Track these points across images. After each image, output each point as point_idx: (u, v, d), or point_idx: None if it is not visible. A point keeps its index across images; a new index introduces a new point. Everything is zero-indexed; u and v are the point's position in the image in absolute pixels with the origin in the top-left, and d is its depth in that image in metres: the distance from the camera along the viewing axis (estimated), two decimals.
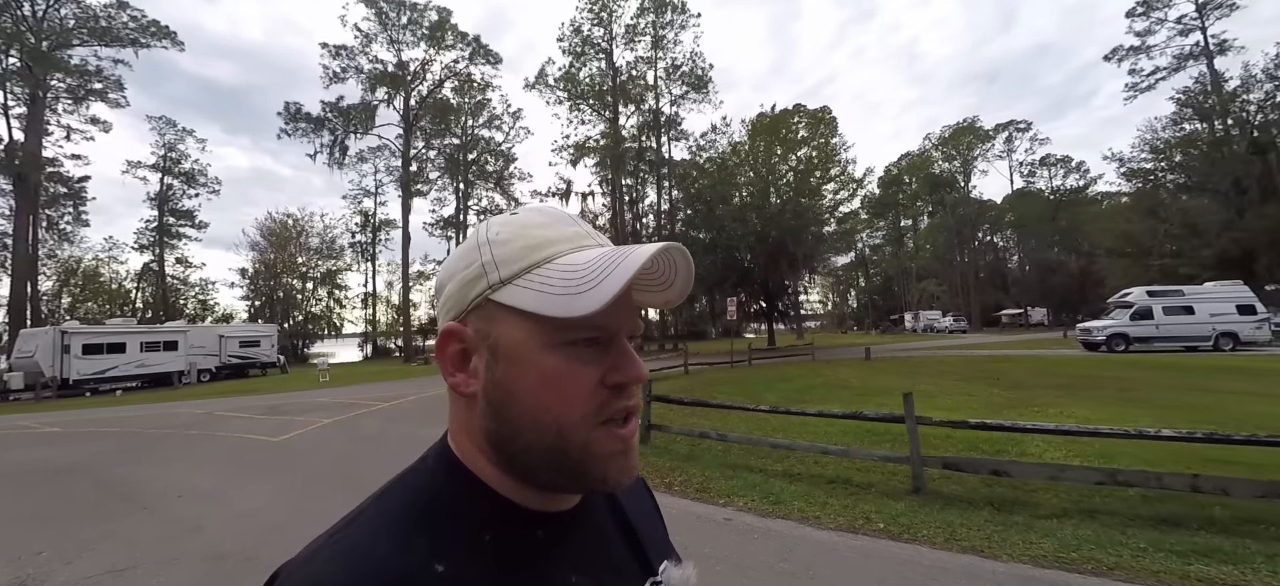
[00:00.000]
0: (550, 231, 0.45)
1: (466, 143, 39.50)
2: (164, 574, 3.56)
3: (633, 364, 0.44)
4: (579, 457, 0.42)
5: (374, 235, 45.88)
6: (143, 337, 22.09)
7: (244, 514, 4.71)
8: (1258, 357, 16.19)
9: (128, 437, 8.89)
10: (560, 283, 0.41)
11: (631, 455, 0.45)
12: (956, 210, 61.40)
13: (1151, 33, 35.57)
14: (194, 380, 23.45)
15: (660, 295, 0.49)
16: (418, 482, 0.45)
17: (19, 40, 28.72)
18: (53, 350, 19.13)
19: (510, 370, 0.43)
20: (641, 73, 32.72)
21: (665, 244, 0.43)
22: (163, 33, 34.08)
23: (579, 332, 0.42)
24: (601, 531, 0.51)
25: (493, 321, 0.43)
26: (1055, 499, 4.15)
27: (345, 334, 47.35)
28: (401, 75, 32.40)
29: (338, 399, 13.62)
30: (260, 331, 28.76)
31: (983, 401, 9.14)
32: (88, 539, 4.24)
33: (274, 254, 42.63)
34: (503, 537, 0.43)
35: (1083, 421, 6.74)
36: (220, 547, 3.96)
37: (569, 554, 0.46)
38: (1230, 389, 9.60)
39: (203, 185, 43.03)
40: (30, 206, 30.72)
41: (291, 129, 32.77)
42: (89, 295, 36.28)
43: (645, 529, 0.56)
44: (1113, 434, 4.16)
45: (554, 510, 0.47)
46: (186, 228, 42.52)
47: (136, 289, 41.00)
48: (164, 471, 6.41)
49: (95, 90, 33.01)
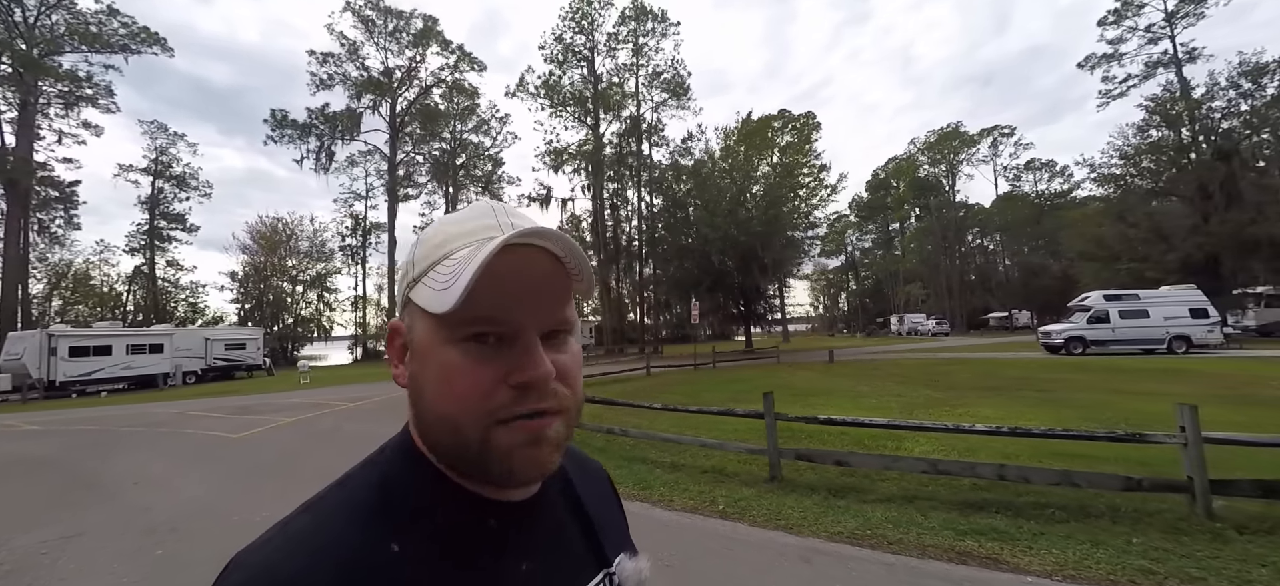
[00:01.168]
0: (459, 227, 0.46)
1: (455, 147, 40.14)
2: (107, 541, 4.18)
3: (534, 362, 0.43)
4: (479, 453, 0.43)
5: (364, 238, 46.39)
6: (129, 340, 22.61)
7: (186, 499, 5.31)
8: (1202, 360, 16.84)
9: (101, 434, 9.47)
10: (440, 280, 0.42)
11: (542, 446, 0.44)
12: (941, 214, 62.23)
13: (1124, 40, 36.46)
14: (179, 382, 23.97)
15: (580, 284, 0.47)
16: (375, 469, 0.46)
17: (9, 47, 29.22)
18: (40, 352, 19.65)
19: (419, 365, 0.45)
20: (622, 80, 33.41)
21: (532, 228, 0.43)
22: (152, 39, 34.61)
23: (469, 329, 0.42)
24: (556, 521, 0.52)
25: (413, 317, 0.46)
26: (889, 486, 4.74)
27: (335, 337, 47.81)
28: (386, 82, 33.01)
29: (309, 399, 14.20)
30: (246, 334, 29.29)
31: (907, 402, 9.76)
32: (49, 517, 4.84)
33: (264, 257, 43.10)
34: (456, 524, 0.44)
35: (986, 420, 7.35)
36: (158, 523, 4.57)
37: (522, 541, 0.47)
38: (1142, 389, 10.20)
39: (194, 189, 43.50)
40: (21, 211, 31.19)
41: (278, 135, 33.35)
42: (80, 298, 36.70)
43: (603, 520, 0.57)
44: (935, 428, 4.79)
45: (508, 499, 0.48)
46: (177, 231, 42.99)
47: (128, 291, 41.41)
48: (127, 463, 7.01)
49: (86, 96, 33.53)
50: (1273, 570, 2.97)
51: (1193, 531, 3.51)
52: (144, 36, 34.40)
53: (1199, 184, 30.84)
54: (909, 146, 66.17)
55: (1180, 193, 31.83)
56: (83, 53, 32.93)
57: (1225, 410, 7.48)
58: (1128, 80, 36.83)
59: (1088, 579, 3.05)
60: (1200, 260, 29.32)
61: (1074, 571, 3.13)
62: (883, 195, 69.28)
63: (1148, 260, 30.63)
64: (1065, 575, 3.11)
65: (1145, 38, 35.16)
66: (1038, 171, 63.93)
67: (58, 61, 32.03)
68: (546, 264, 0.44)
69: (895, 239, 71.78)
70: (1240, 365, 14.50)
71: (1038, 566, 3.22)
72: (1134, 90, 36.18)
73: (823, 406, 9.06)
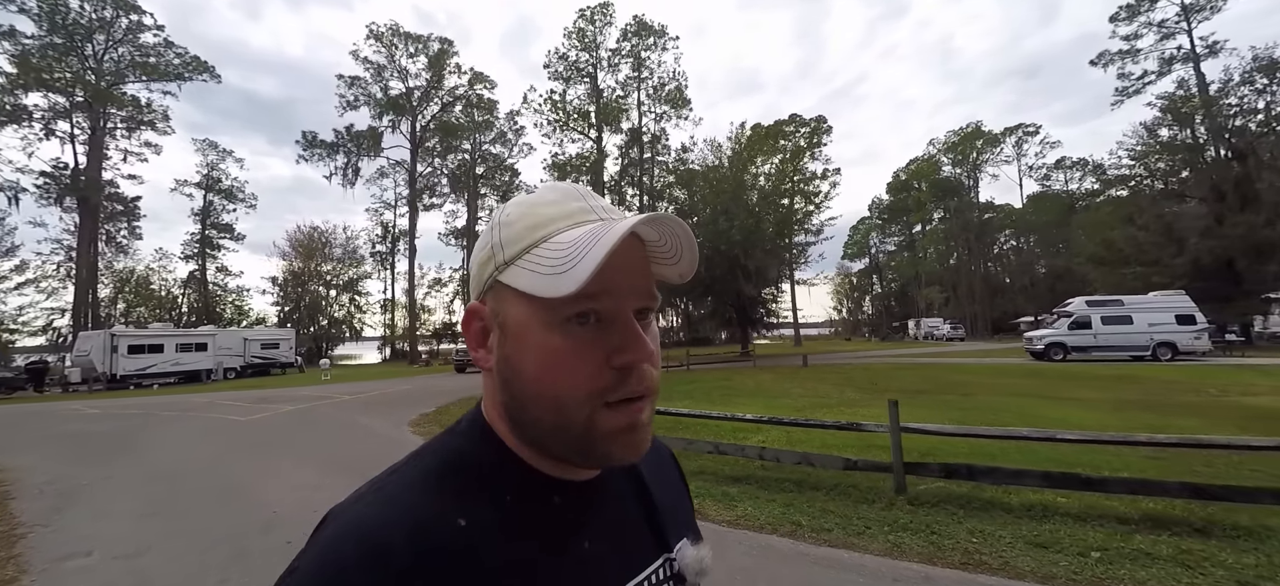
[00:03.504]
0: (553, 209, 0.46)
1: (475, 158, 42.60)
2: (126, 482, 5.96)
3: (638, 344, 0.44)
4: (582, 434, 0.44)
5: (392, 245, 49.45)
6: (178, 340, 25.58)
7: (187, 459, 7.10)
8: (1154, 367, 16.98)
9: (142, 416, 11.59)
10: (548, 262, 0.42)
11: (639, 432, 0.45)
12: (963, 215, 61.05)
13: (1139, 36, 35.59)
14: (220, 377, 26.81)
15: (672, 269, 0.48)
16: (450, 444, 0.49)
17: (81, 80, 33.06)
18: (104, 350, 22.62)
19: (515, 348, 0.45)
20: (626, 93, 34.96)
21: (646, 215, 0.43)
22: (202, 67, 38.30)
23: (573, 310, 0.42)
24: (620, 502, 0.53)
25: (502, 301, 0.46)
26: (728, 471, 5.61)
27: (365, 337, 51.05)
28: (405, 103, 35.59)
29: (320, 393, 16.24)
30: (279, 335, 32.23)
31: (813, 401, 10.89)
32: (92, 466, 6.69)
33: (301, 263, 46.59)
34: (522, 500, 0.46)
35: (873, 418, 8.35)
36: (162, 473, 6.33)
37: (585, 521, 0.48)
38: (1069, 396, 10.66)
39: (240, 200, 47.51)
40: (92, 224, 35.14)
41: (309, 154, 36.36)
42: (140, 301, 40.71)
43: (666, 503, 0.57)
44: (720, 418, 6.06)
45: (573, 479, 0.49)
46: (226, 239, 47.05)
47: (182, 295, 45.59)
48: (154, 436, 8.95)
49: (146, 120, 37.40)
50: (921, 532, 3.89)
51: (884, 501, 4.44)
52: (195, 65, 38.11)
53: (1212, 184, 30.04)
54: (929, 147, 65.15)
55: (1192, 193, 31.03)
56: (143, 82, 36.83)
57: (1114, 415, 8.22)
58: (1144, 77, 35.97)
59: (762, 527, 4.22)
60: (1211, 264, 28.56)
61: (768, 524, 4.18)
62: (904, 197, 68.27)
63: (1158, 264, 29.95)
64: (755, 526, 4.19)
65: (1159, 33, 34.32)
66: (1069, 170, 61.84)
67: (123, 90, 35.93)
68: (638, 245, 0.46)
69: (918, 241, 70.64)
70: (1192, 372, 14.81)
71: (742, 520, 4.46)
72: (1150, 87, 35.35)
73: (743, 406, 10.21)
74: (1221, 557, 3.25)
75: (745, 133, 31.44)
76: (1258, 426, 7.04)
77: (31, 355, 29.26)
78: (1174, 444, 3.96)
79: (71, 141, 34.50)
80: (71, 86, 32.93)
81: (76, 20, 32.89)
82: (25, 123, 32.39)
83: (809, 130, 48.65)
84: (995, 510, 4.17)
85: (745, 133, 31.44)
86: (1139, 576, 3.11)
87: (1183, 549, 3.37)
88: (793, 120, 48.41)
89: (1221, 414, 8.20)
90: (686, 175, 30.17)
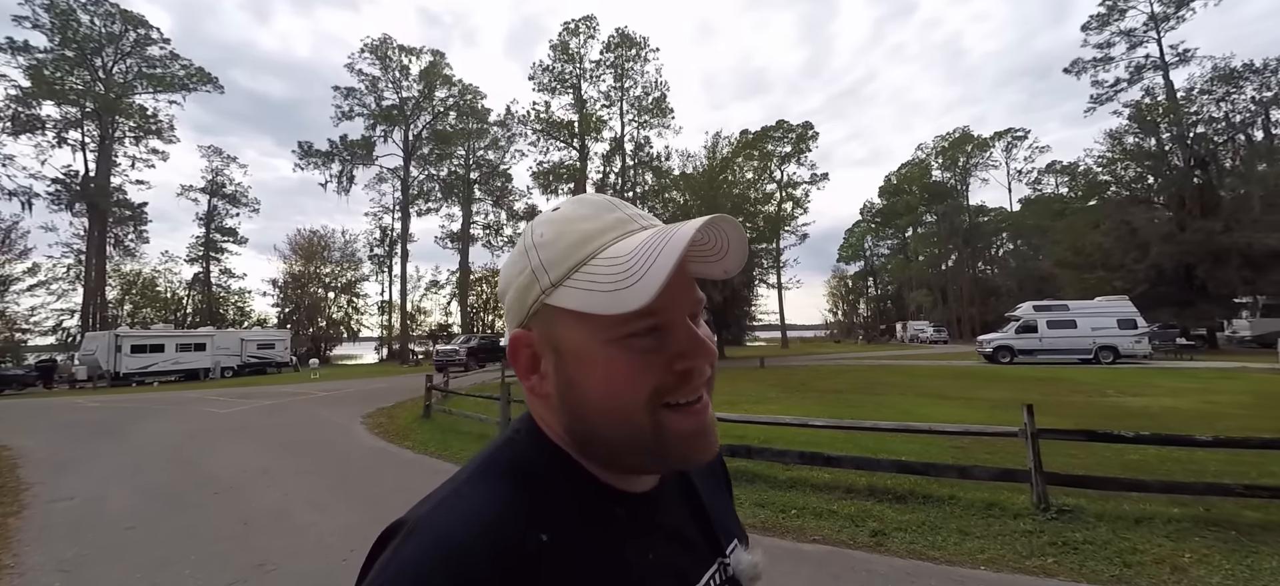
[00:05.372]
0: (593, 224, 0.45)
1: (470, 164, 44.10)
2: (111, 458, 7.31)
3: (698, 347, 0.44)
4: (653, 439, 0.43)
5: (390, 249, 51.05)
6: (178, 340, 27.16)
7: (163, 441, 8.46)
8: (1108, 370, 17.62)
9: (136, 409, 13.01)
10: (606, 278, 0.41)
11: (709, 433, 0.46)
12: (952, 219, 61.87)
13: (1111, 44, 36.41)
14: (218, 375, 28.33)
15: (717, 265, 0.48)
16: (514, 455, 0.48)
17: (91, 92, 34.83)
18: (109, 349, 24.17)
19: (578, 369, 0.44)
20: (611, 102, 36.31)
21: (710, 217, 0.42)
22: (206, 78, 40.02)
23: (638, 326, 0.42)
24: (676, 511, 0.53)
25: (553, 324, 0.45)
26: None
27: (362, 338, 52.65)
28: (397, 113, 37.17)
29: (300, 389, 17.64)
30: (275, 335, 33.82)
31: (731, 398, 12.15)
32: (85, 447, 8.06)
33: (301, 266, 48.26)
34: (589, 512, 0.46)
35: (769, 412, 9.66)
36: (143, 451, 7.69)
37: (646, 531, 0.49)
38: (959, 395, 11.81)
39: (243, 205, 49.34)
40: (101, 229, 36.90)
41: (305, 163, 38.02)
42: (147, 302, 42.46)
43: (717, 509, 0.58)
44: None
45: (633, 490, 0.49)
46: (229, 243, 48.86)
47: (187, 296, 47.39)
48: (142, 425, 10.33)
49: (153, 129, 39.18)
50: None
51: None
52: (200, 76, 39.86)
53: (1175, 191, 30.92)
54: (917, 152, 66.04)
55: (1153, 200, 31.93)
56: (151, 92, 38.60)
57: (990, 411, 9.05)
58: (1117, 85, 36.79)
59: None
60: (1172, 269, 29.41)
61: None
62: (896, 200, 69.06)
63: (1122, 269, 30.79)
64: None
65: (1128, 42, 35.19)
66: (1058, 174, 62.46)
67: (131, 101, 37.69)
68: (724, 244, 0.46)
69: (910, 245, 71.39)
70: (1114, 375, 15.78)
71: None
72: (1121, 95, 36.20)
73: None
74: (887, 515, 4.35)
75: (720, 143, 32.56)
76: (1095, 422, 8.22)
77: (42, 354, 31.01)
78: (888, 429, 5.18)
79: (82, 149, 36.28)
80: (82, 98, 34.70)
81: (87, 34, 34.67)
82: (39, 132, 34.23)
83: (795, 136, 49.85)
84: (760, 482, 5.33)
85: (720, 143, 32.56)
86: (812, 527, 4.28)
87: (861, 508, 4.54)
88: (779, 126, 49.58)
89: (1075, 412, 9.29)
90: (661, 172, 31.34)
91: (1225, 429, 6.98)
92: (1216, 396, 10.79)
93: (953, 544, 3.79)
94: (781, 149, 49.35)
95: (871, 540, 3.85)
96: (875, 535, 3.91)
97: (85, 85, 34.94)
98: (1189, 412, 9.02)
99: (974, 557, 3.61)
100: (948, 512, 4.33)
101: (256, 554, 3.84)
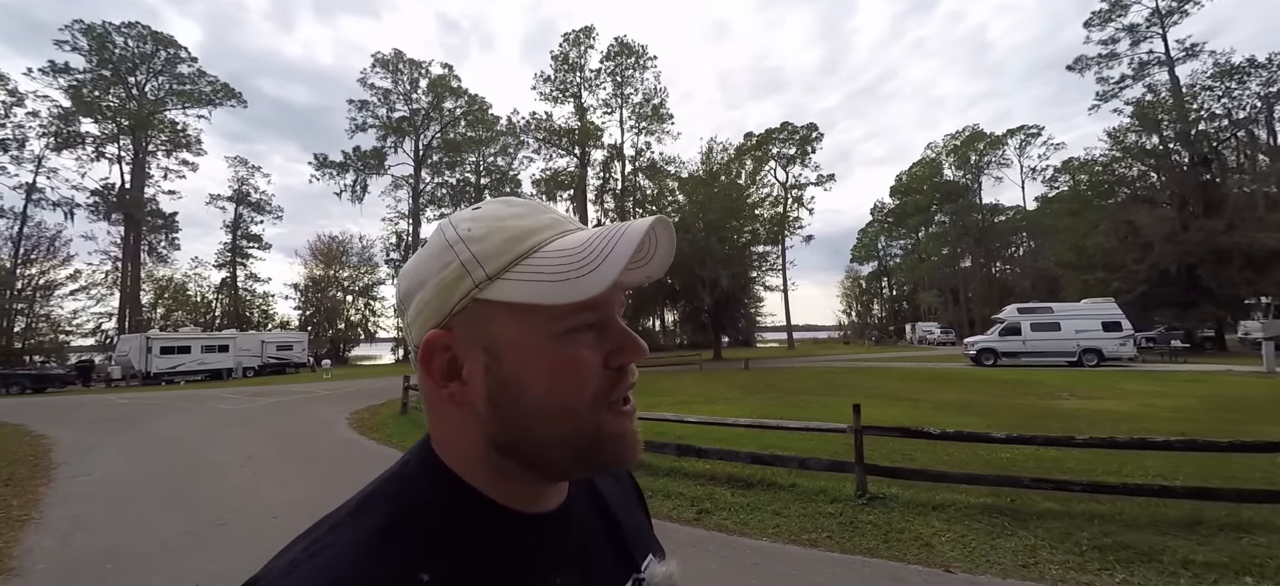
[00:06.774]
0: (527, 221, 0.44)
1: (480, 171, 45.78)
2: (127, 445, 8.58)
3: (633, 342, 0.44)
4: (591, 441, 0.43)
5: (404, 254, 53.02)
6: (203, 342, 29.12)
7: (174, 431, 9.72)
8: (1077, 373, 17.93)
9: (157, 405, 14.48)
10: (556, 268, 0.40)
11: (637, 435, 0.45)
12: (964, 219, 61.19)
13: (1116, 41, 35.99)
14: (240, 375, 30.22)
15: (641, 271, 0.48)
16: (398, 489, 0.44)
17: (124, 109, 37.30)
18: (140, 351, 26.15)
19: (516, 367, 0.42)
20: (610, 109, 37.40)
21: (655, 218, 0.43)
22: (231, 93, 42.41)
23: (581, 318, 0.42)
24: (586, 528, 0.51)
25: (486, 321, 0.42)
26: None
27: (379, 339, 54.78)
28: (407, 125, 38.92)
29: (307, 388, 19.05)
30: (293, 337, 35.77)
31: (684, 399, 12.99)
32: (107, 437, 9.38)
33: (321, 270, 50.49)
34: (486, 543, 0.42)
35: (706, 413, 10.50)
36: (155, 440, 8.96)
37: (554, 554, 0.46)
38: (919, 397, 12.36)
39: (268, 212, 51.93)
40: (135, 237, 39.44)
41: (321, 174, 40.02)
42: (178, 306, 45.03)
43: (629, 523, 0.57)
44: None
45: (538, 511, 0.47)
46: (254, 248, 51.46)
47: (216, 300, 50.05)
48: (159, 417, 11.70)
49: (182, 142, 41.69)
50: None
51: None
52: (225, 92, 42.26)
53: (1177, 190, 30.52)
54: (927, 151, 65.49)
55: (1156, 199, 31.54)
56: (180, 108, 41.09)
57: (929, 413, 9.99)
58: (1122, 82, 36.32)
59: None
60: (1174, 270, 29.04)
61: None
62: (907, 200, 68.49)
63: (1123, 269, 30.51)
64: None
65: (1131, 39, 34.76)
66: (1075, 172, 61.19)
67: (163, 116, 40.17)
68: (653, 248, 0.47)
69: (922, 245, 70.74)
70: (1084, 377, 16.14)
71: None
72: (1126, 91, 35.75)
73: None
74: (726, 498, 5.13)
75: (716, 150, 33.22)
76: (1018, 427, 8.90)
77: (82, 355, 33.44)
78: (744, 425, 6.04)
79: (118, 163, 38.90)
80: (118, 114, 37.19)
81: (121, 55, 37.19)
82: (79, 147, 36.83)
83: (800, 137, 50.19)
84: (642, 473, 6.19)
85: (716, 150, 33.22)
86: (653, 507, 5.18)
87: (707, 492, 5.33)
88: (784, 128, 50.00)
89: (1018, 414, 9.85)
90: (662, 175, 32.24)
91: (1129, 430, 7.46)
92: (1165, 400, 11.04)
93: (764, 522, 4.61)
94: (786, 151, 49.81)
95: (695, 516, 4.73)
96: (699, 513, 4.79)
97: (120, 102, 37.46)
98: (1120, 415, 9.34)
99: (777, 533, 4.37)
100: (780, 497, 5.15)
101: (217, 514, 4.96)
